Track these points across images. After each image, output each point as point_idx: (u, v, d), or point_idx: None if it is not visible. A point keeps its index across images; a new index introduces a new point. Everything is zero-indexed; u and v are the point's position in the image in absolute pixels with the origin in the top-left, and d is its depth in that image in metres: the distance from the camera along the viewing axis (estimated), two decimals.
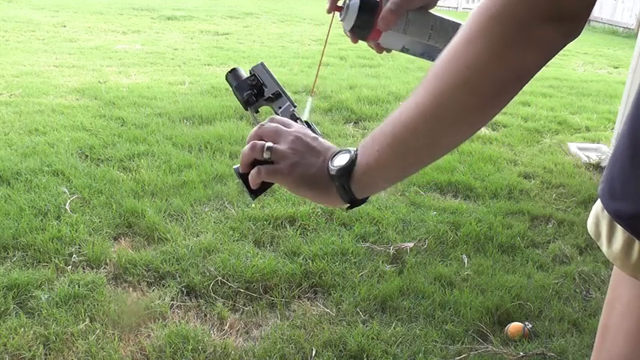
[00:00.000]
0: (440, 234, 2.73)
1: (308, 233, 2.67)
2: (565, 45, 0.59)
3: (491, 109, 0.62)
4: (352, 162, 0.68)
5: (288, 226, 2.70)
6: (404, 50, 0.96)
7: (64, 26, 8.05)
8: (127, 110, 4.22)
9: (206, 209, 2.82)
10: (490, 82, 0.58)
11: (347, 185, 0.69)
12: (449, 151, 0.68)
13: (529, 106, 5.37)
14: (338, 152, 0.72)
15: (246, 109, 0.86)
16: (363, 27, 0.90)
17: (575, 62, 8.66)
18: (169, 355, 1.86)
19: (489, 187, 3.33)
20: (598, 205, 0.79)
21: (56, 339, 1.87)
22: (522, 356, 1.98)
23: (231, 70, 0.86)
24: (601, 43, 11.06)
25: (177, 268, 2.31)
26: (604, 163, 3.80)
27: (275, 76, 0.85)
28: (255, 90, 0.85)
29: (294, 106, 0.83)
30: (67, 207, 2.70)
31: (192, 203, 2.85)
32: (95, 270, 2.28)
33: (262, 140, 0.74)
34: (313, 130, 0.79)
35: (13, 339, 1.86)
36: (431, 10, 0.93)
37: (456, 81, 0.59)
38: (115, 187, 2.94)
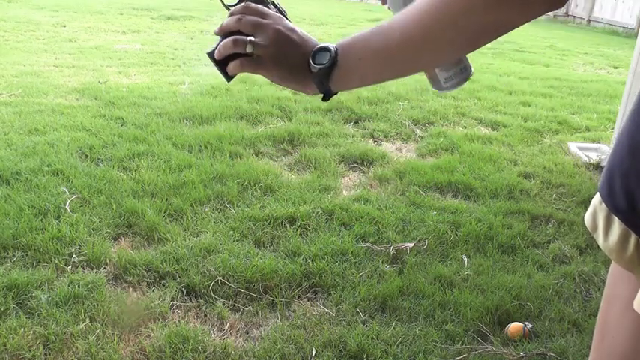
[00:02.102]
0: (440, 234, 2.73)
1: (308, 233, 2.67)
2: (547, 12, 0.66)
3: (468, 47, 0.72)
4: (333, 63, 0.74)
5: (288, 226, 2.71)
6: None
7: (64, 26, 8.04)
8: (127, 110, 4.22)
9: (206, 209, 2.82)
10: (475, 26, 0.67)
11: (326, 82, 0.75)
12: (424, 69, 0.77)
13: (529, 106, 5.37)
14: (318, 49, 0.76)
15: None
16: None
17: (575, 62, 8.66)
18: (169, 355, 1.86)
19: (489, 187, 3.33)
20: (596, 199, 0.80)
21: (56, 339, 1.87)
22: (522, 356, 1.98)
23: None
24: (601, 43, 11.06)
25: (177, 268, 2.31)
26: (604, 163, 3.80)
27: None
28: None
29: None
30: (67, 207, 2.70)
31: (192, 203, 2.85)
32: (95, 270, 2.28)
33: (240, 32, 0.76)
34: (283, 13, 0.81)
35: (13, 339, 1.86)
36: None
37: (448, 20, 0.66)
38: (115, 187, 2.94)
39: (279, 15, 0.79)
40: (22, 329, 1.90)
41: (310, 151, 3.65)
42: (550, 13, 15.93)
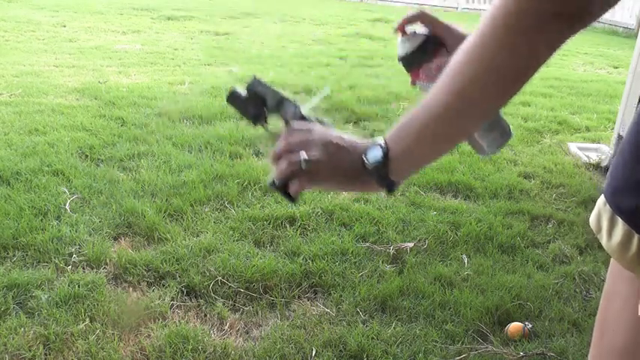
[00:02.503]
0: (440, 234, 2.73)
1: (308, 233, 2.67)
2: (573, 34, 0.65)
3: (510, 93, 0.70)
4: (386, 156, 0.75)
5: (288, 226, 2.71)
6: None
7: (64, 26, 8.04)
8: (127, 110, 4.22)
9: (206, 209, 2.82)
10: (508, 71, 0.66)
11: (385, 176, 0.75)
12: (475, 132, 0.77)
13: (529, 106, 5.37)
14: (369, 147, 0.77)
15: (256, 125, 0.87)
16: (410, 63, 0.97)
17: (575, 62, 8.66)
18: (169, 355, 1.86)
19: (489, 187, 3.33)
20: (601, 200, 0.82)
21: (56, 339, 1.87)
22: (522, 356, 1.98)
23: (231, 93, 0.87)
24: (601, 43, 11.05)
25: (177, 268, 2.31)
26: (604, 163, 3.80)
27: (271, 85, 0.87)
28: (258, 105, 0.86)
29: (299, 107, 0.85)
30: (67, 207, 2.70)
31: (192, 203, 2.85)
32: (95, 270, 2.28)
33: (292, 153, 0.77)
34: (327, 125, 0.83)
35: (13, 339, 1.86)
36: None
37: (479, 73, 0.66)
38: (115, 187, 2.94)
39: (324, 126, 0.80)
40: (22, 329, 1.90)
41: None
42: None
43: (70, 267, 2.28)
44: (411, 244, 2.62)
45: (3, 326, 1.91)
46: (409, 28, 0.98)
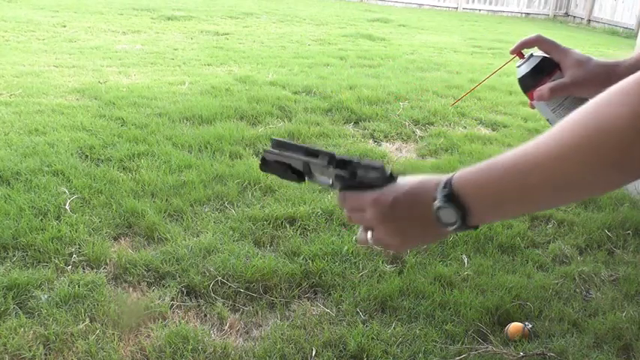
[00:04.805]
0: None
1: (308, 233, 2.67)
2: None
3: (621, 178, 0.61)
4: (464, 216, 0.69)
5: (288, 226, 2.71)
6: (547, 121, 1.03)
7: (64, 26, 8.03)
8: (127, 110, 4.22)
9: (206, 209, 2.82)
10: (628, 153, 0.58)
11: (464, 229, 0.71)
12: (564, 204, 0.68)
13: None
14: (438, 208, 0.69)
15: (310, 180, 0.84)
16: (527, 84, 1.00)
17: None
18: (169, 355, 1.86)
19: None
20: None
21: (56, 339, 1.87)
22: (522, 356, 1.98)
23: (262, 159, 0.86)
24: (601, 43, 11.06)
25: (177, 268, 2.31)
26: None
27: (293, 143, 0.83)
28: (284, 166, 0.84)
29: (332, 155, 0.77)
30: (67, 207, 2.70)
31: (192, 203, 2.85)
32: (95, 270, 2.28)
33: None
34: (366, 166, 0.76)
35: (13, 339, 1.86)
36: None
37: (592, 141, 0.59)
38: (115, 187, 2.94)
39: (377, 187, 0.74)
40: (22, 329, 1.90)
41: None
42: (550, 13, 15.91)
43: (70, 267, 2.28)
44: None
45: (3, 326, 1.91)
46: (526, 52, 1.01)
